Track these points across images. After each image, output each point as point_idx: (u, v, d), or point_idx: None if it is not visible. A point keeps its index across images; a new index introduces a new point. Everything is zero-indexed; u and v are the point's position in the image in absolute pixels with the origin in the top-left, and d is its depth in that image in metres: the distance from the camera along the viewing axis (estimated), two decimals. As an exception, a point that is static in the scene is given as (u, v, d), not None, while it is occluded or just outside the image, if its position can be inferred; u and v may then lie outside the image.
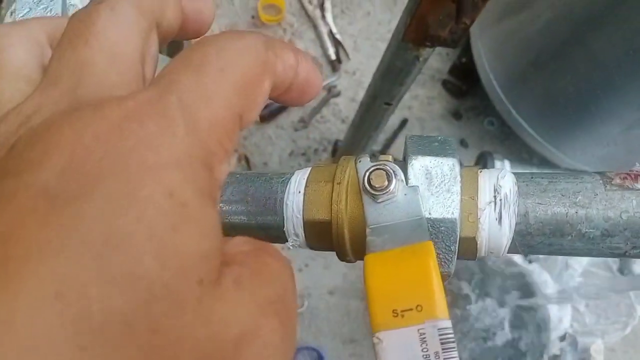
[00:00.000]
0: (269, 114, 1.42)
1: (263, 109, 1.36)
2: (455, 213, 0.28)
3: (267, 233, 0.34)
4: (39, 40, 0.24)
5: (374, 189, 0.28)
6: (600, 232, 0.28)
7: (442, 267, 0.28)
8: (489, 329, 1.24)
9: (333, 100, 1.47)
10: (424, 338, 0.23)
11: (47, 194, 0.14)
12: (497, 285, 1.24)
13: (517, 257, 1.23)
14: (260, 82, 0.20)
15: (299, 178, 0.33)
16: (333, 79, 1.48)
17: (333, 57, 1.49)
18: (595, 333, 1.30)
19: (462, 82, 1.51)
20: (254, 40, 0.20)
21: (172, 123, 0.16)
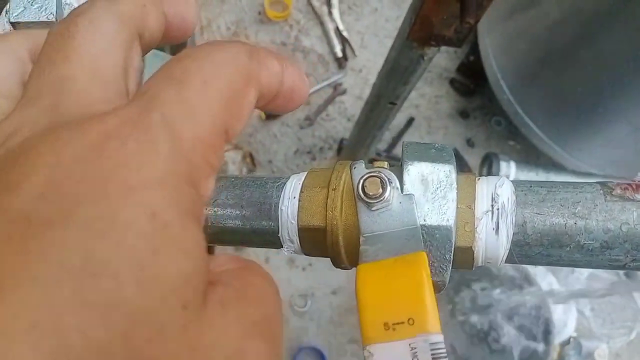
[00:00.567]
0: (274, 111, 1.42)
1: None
2: (451, 220, 0.28)
3: (262, 238, 0.33)
4: (20, 56, 0.23)
5: (368, 197, 0.27)
6: (600, 243, 0.27)
7: (436, 276, 0.28)
8: (491, 331, 1.23)
9: (339, 98, 1.47)
10: (415, 352, 0.22)
11: (24, 219, 0.14)
12: (501, 287, 1.23)
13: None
14: (245, 93, 0.19)
15: (294, 183, 0.33)
16: (339, 77, 1.47)
17: (339, 54, 1.48)
18: (600, 337, 1.28)
19: (470, 80, 1.49)
20: (237, 50, 0.19)
21: (155, 141, 0.16)
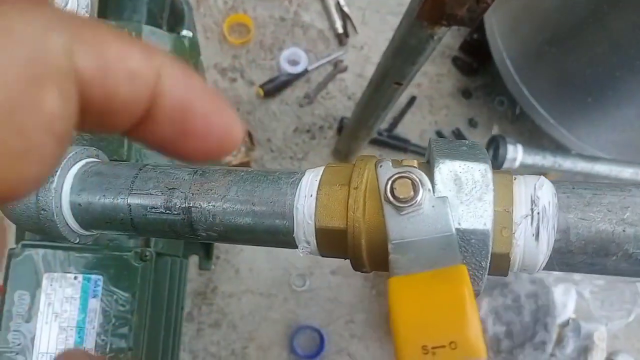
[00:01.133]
0: (273, 89, 1.38)
1: (267, 84, 1.29)
2: (488, 224, 0.25)
3: (275, 238, 0.31)
4: None
5: (398, 200, 0.25)
6: (651, 253, 0.25)
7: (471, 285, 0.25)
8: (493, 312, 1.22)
9: (339, 76, 1.43)
10: (456, 379, 0.20)
11: None
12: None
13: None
14: (33, 91, 0.12)
15: (311, 179, 0.30)
16: (340, 54, 1.43)
17: (340, 30, 1.44)
18: (599, 320, 1.28)
19: (472, 59, 1.46)
20: (32, 17, 0.12)
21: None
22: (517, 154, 0.99)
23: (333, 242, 0.29)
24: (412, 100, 1.43)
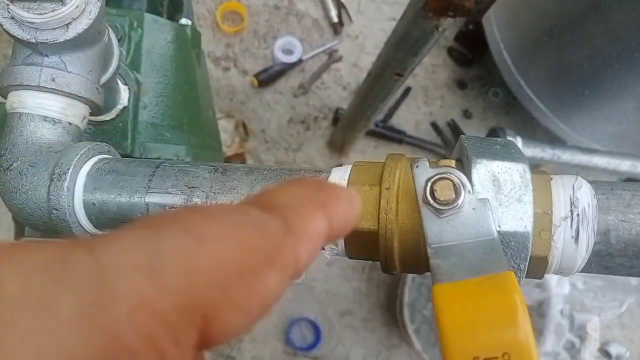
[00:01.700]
0: (267, 78, 1.36)
1: (261, 73, 1.27)
2: (529, 226, 0.24)
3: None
4: None
5: (439, 203, 0.24)
6: (695, 257, 0.24)
7: (507, 289, 0.25)
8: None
9: (334, 66, 1.41)
10: (510, 391, 0.19)
11: None
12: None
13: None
14: (261, 276, 0.14)
15: (338, 178, 0.29)
16: (335, 43, 1.42)
17: (335, 19, 1.42)
18: (592, 310, 1.29)
19: (468, 50, 1.45)
20: (268, 218, 0.15)
21: (59, 292, 0.11)
22: (516, 146, 0.99)
23: (363, 244, 0.28)
24: (407, 91, 1.42)
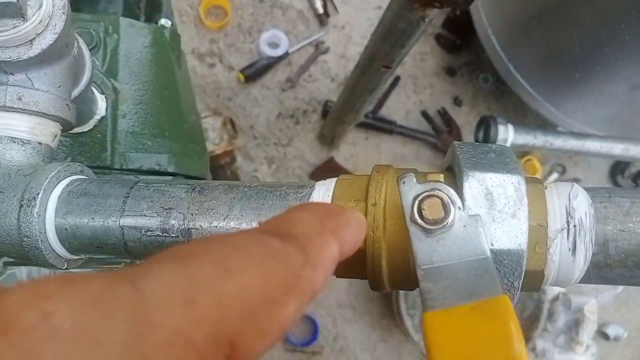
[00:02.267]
0: (254, 73, 1.34)
1: (247, 68, 1.25)
2: (523, 244, 0.23)
3: (284, 258, 0.28)
4: None
5: (428, 222, 0.22)
6: (698, 266, 0.23)
7: (503, 307, 0.23)
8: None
9: (321, 58, 1.39)
10: None
11: None
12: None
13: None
14: (282, 304, 0.15)
15: (322, 194, 0.27)
16: (321, 34, 1.39)
17: (320, 10, 1.39)
18: (589, 293, 1.29)
19: (456, 36, 1.43)
20: (287, 249, 0.16)
21: (106, 324, 0.12)
22: (508, 134, 0.98)
23: (350, 263, 0.26)
24: (396, 81, 1.41)
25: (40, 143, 0.33)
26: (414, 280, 0.25)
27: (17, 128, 0.32)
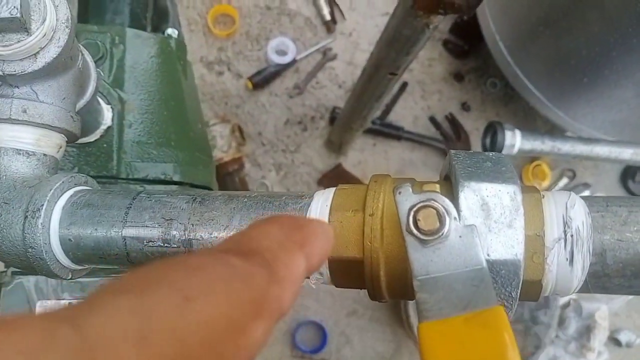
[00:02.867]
0: (262, 80, 1.34)
1: (255, 76, 1.26)
2: (520, 254, 0.23)
3: (284, 268, 0.29)
4: None
5: (423, 233, 0.22)
6: (697, 276, 0.23)
7: (500, 317, 0.23)
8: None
9: (329, 64, 1.40)
10: None
11: None
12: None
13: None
14: (249, 328, 0.14)
15: (320, 204, 0.28)
16: (328, 41, 1.40)
17: (328, 17, 1.40)
18: (600, 299, 1.28)
19: (463, 41, 1.43)
20: (252, 268, 0.15)
21: None
22: (515, 140, 0.97)
23: (348, 272, 0.27)
24: (403, 86, 1.41)
25: (46, 154, 0.34)
26: (412, 290, 0.25)
27: (22, 140, 0.33)
